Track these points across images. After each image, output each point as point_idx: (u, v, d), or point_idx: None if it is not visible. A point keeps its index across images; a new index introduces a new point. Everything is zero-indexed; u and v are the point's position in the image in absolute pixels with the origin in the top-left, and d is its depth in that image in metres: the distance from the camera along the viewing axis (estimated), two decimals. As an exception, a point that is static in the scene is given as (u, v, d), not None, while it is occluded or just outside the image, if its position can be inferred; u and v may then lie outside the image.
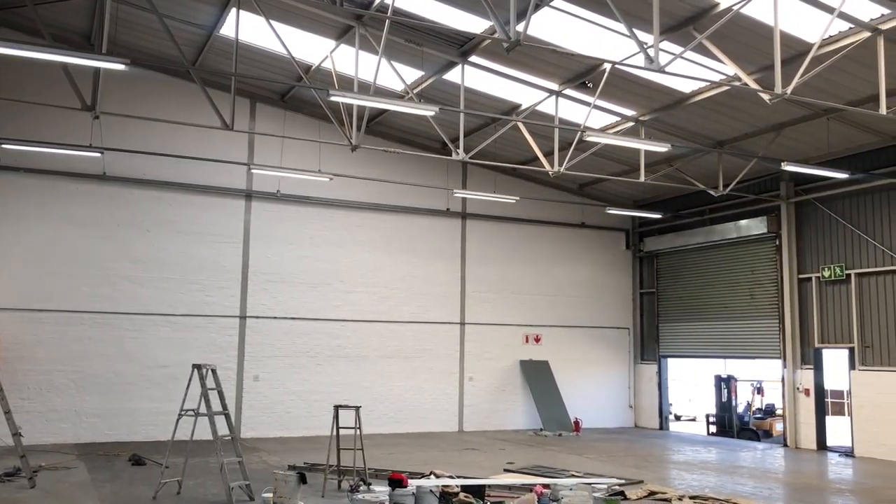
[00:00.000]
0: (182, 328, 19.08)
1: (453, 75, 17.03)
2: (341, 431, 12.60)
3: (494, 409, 22.89)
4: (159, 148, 18.60)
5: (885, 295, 17.72)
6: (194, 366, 11.43)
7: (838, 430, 20.62)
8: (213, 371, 11.59)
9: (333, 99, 12.48)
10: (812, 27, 12.99)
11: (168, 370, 18.71)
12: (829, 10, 11.98)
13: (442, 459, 16.00)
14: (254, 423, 19.63)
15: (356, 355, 21.10)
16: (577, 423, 22.79)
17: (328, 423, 19.22)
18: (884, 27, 12.50)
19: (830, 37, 13.20)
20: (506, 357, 23.26)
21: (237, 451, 11.50)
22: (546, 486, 11.20)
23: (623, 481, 12.99)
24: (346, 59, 16.67)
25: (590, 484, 11.07)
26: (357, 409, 12.39)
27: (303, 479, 10.31)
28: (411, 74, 17.32)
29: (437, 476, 11.97)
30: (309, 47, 16.66)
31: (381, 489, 10.92)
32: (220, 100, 18.90)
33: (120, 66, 10.46)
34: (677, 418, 30.42)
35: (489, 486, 11.70)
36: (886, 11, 12.15)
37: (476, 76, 16.96)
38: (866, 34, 12.73)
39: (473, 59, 16.14)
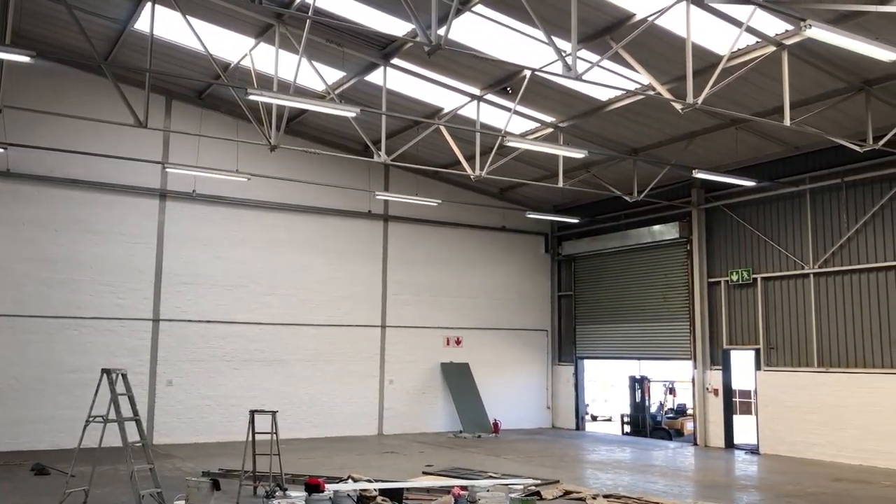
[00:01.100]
0: (92, 332, 18.40)
1: (375, 77, 16.98)
2: (258, 436, 12.38)
3: (415, 411, 22.89)
4: (69, 145, 17.91)
5: (789, 298, 18.54)
6: (103, 370, 11.03)
7: (746, 429, 21.43)
8: (124, 375, 11.22)
9: (252, 98, 12.29)
10: (722, 40, 13.48)
11: (76, 375, 18.00)
12: (738, 24, 12.46)
13: (361, 463, 15.91)
14: (167, 429, 19.08)
15: (274, 359, 20.78)
16: (496, 424, 23.02)
17: (245, 428, 18.84)
18: (788, 42, 13.07)
19: (739, 50, 13.73)
20: (427, 359, 23.31)
21: (148, 457, 11.15)
22: (464, 487, 11.26)
23: (539, 481, 13.19)
24: (266, 58, 16.40)
25: (507, 485, 11.19)
26: (273, 413, 12.19)
27: (216, 486, 10.09)
28: (332, 75, 17.18)
29: (355, 480, 11.88)
30: (227, 45, 16.32)
31: (298, 494, 10.78)
32: (133, 96, 18.33)
33: (24, 59, 10.04)
34: (594, 419, 31.05)
35: (407, 488, 11.69)
36: (790, 27, 12.72)
37: (398, 79, 16.96)
38: (772, 48, 13.30)
39: (396, 61, 16.13)
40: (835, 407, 17.16)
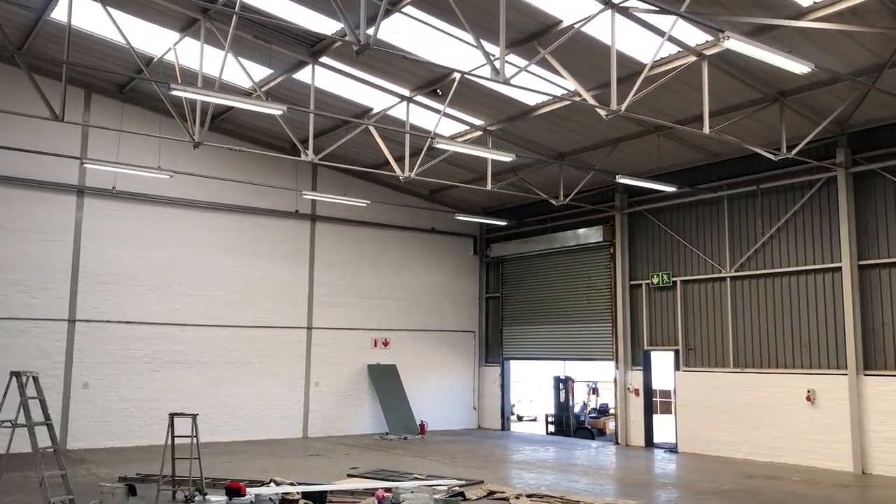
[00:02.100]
0: (3, 332, 17.62)
1: (304, 75, 16.80)
2: (178, 440, 12.08)
3: (341, 414, 22.72)
4: (-22, 136, 17.12)
5: (707, 301, 19.14)
6: (12, 373, 10.58)
7: (666, 428, 22.01)
8: (35, 378, 10.78)
9: (175, 93, 11.99)
10: (645, 49, 13.84)
11: (-16, 378, 17.20)
12: (661, 33, 12.80)
13: (284, 466, 15.69)
14: (82, 434, 18.43)
15: (196, 361, 20.31)
16: (422, 425, 23.04)
17: (165, 431, 18.36)
18: (708, 52, 13.49)
19: (661, 59, 14.12)
20: (353, 361, 23.16)
21: (60, 463, 10.73)
22: (388, 489, 11.24)
23: (464, 482, 13.26)
24: (191, 53, 16.05)
25: (431, 486, 11.22)
26: (194, 416, 11.92)
27: (132, 491, 9.80)
28: (260, 72, 16.91)
29: (278, 483, 11.72)
30: (151, 38, 15.89)
31: (218, 499, 10.56)
32: (51, 89, 17.63)
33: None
34: (519, 419, 31.39)
35: (331, 491, 11.59)
36: (710, 38, 13.14)
37: (327, 77, 16.82)
38: (693, 58, 13.70)
39: (324, 60, 15.99)
40: (748, 406, 17.79)
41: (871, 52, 13.22)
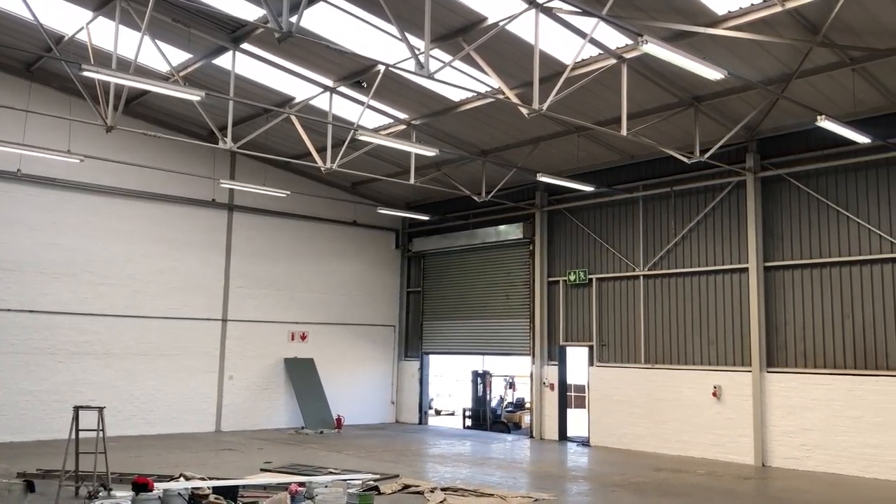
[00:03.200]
0: None
1: (224, 61, 16.38)
2: (83, 434, 11.62)
3: (256, 407, 22.33)
4: None
5: (621, 298, 19.63)
6: None
7: (580, 422, 22.46)
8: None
9: (87, 74, 11.51)
10: (567, 50, 14.06)
11: None
12: (583, 35, 13.03)
13: (195, 461, 15.33)
14: (-21, 428, 17.56)
15: (105, 352, 19.61)
16: (339, 419, 22.88)
17: (69, 425, 17.67)
18: (627, 56, 13.81)
19: (583, 60, 14.37)
20: (270, 355, 22.79)
21: (-47, 459, 10.21)
22: (301, 484, 11.11)
23: (379, 476, 13.23)
24: (105, 34, 15.44)
25: (345, 480, 11.15)
26: (100, 409, 11.50)
27: (30, 488, 9.39)
28: (178, 56, 16.41)
29: (187, 478, 11.43)
30: (62, 16, 15.20)
31: (124, 494, 10.23)
32: (-50, 63, 16.69)
33: None
34: (438, 413, 31.56)
35: (243, 486, 11.38)
36: (630, 42, 13.45)
37: (248, 64, 16.46)
38: (613, 61, 14.01)
39: (246, 46, 15.64)
40: (658, 401, 18.34)
41: (781, 61, 13.79)
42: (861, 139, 13.74)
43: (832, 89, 14.60)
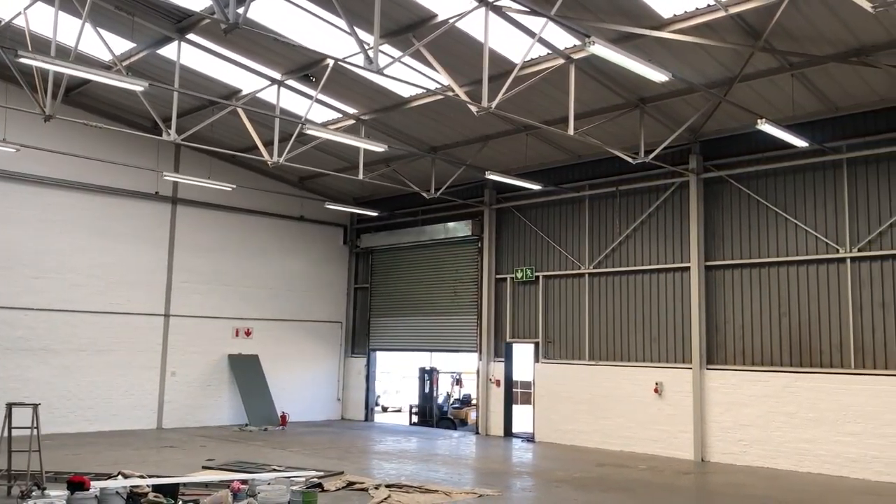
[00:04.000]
0: None
1: (169, 51, 16.06)
2: (16, 432, 11.28)
3: (199, 404, 21.97)
4: None
5: (566, 296, 19.85)
6: None
7: (525, 418, 22.62)
8: None
9: (24, 61, 11.14)
10: (517, 49, 14.14)
11: None
12: (532, 34, 13.12)
13: (135, 459, 15.02)
14: None
15: (41, 348, 19.06)
16: (283, 417, 22.66)
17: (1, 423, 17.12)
18: (575, 56, 13.96)
19: (532, 59, 14.48)
20: (213, 351, 22.44)
21: None
22: (244, 481, 10.97)
23: (323, 473, 13.14)
24: (44, 20, 14.98)
25: (289, 477, 11.05)
26: (35, 406, 11.18)
27: (-40, 488, 9.07)
28: (121, 45, 16.01)
29: (126, 476, 11.19)
30: (-3, -1, 14.71)
31: (59, 493, 9.96)
32: None
33: None
34: (384, 410, 31.46)
35: (184, 484, 11.19)
36: (578, 43, 13.59)
37: (194, 55, 16.15)
38: (561, 61, 14.14)
39: (191, 37, 15.34)
40: (602, 397, 18.61)
41: (724, 65, 14.10)
42: (799, 143, 14.16)
43: (772, 94, 14.99)
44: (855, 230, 15.16)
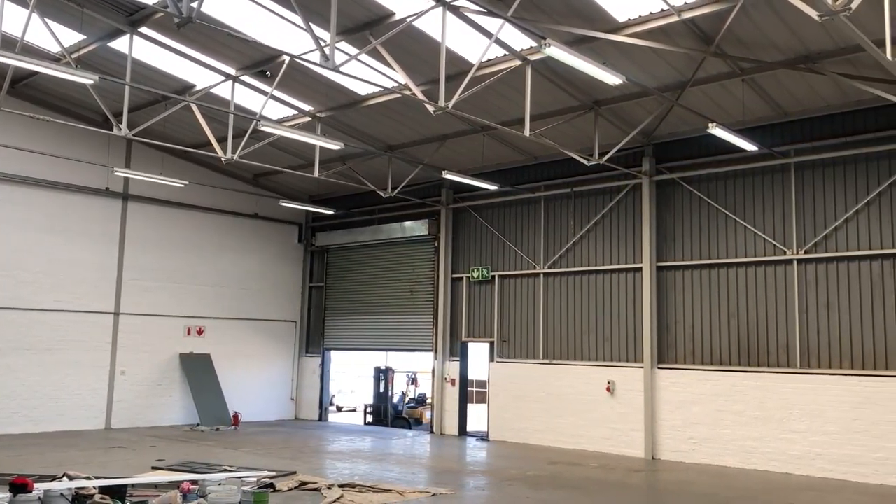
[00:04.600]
0: None
1: (121, 44, 15.74)
2: (-45, 433, 10.97)
3: (149, 404, 21.59)
4: None
5: (522, 295, 19.99)
6: None
7: (480, 417, 22.72)
8: None
9: (-34, 51, 10.83)
10: (474, 49, 14.18)
11: None
12: (489, 35, 13.17)
13: (81, 460, 14.70)
14: None
15: (-16, 346, 18.55)
16: (236, 416, 22.40)
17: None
18: (532, 58, 14.06)
19: (489, 60, 14.54)
20: (164, 350, 22.07)
21: None
22: (194, 482, 10.82)
23: (275, 473, 13.02)
24: (-11, 8, 14.55)
25: (240, 478, 10.92)
26: (-23, 406, 10.87)
27: None
28: (71, 37, 15.66)
29: (71, 478, 10.93)
30: (-60, -14, 14.24)
31: (1, 496, 9.69)
32: None
33: None
34: (339, 409, 31.33)
35: (132, 485, 10.99)
36: (534, 44, 13.69)
37: (147, 49, 15.86)
38: (518, 62, 14.23)
39: (144, 30, 15.06)
40: (555, 396, 18.78)
41: (677, 69, 14.34)
42: (749, 146, 14.46)
43: (723, 98, 15.29)
44: (802, 233, 15.55)
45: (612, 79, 11.56)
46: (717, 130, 13.33)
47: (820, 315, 15.13)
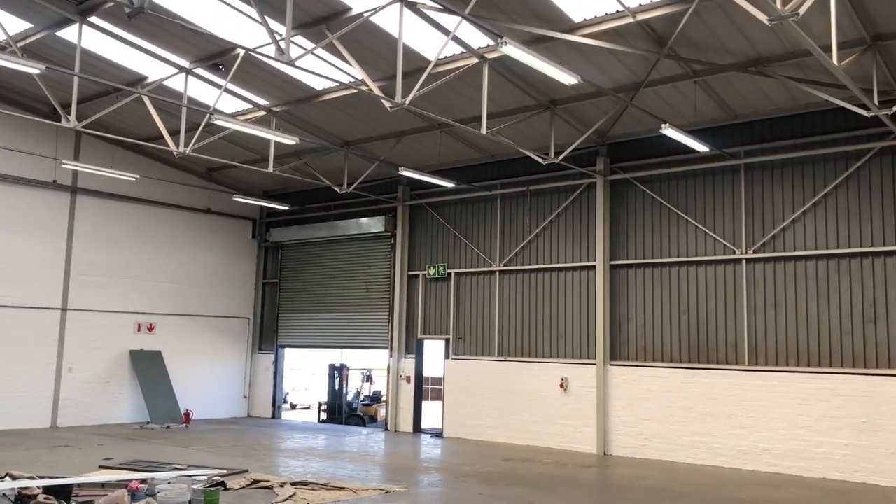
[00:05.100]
0: None
1: (69, 34, 15.36)
2: None
3: (97, 402, 21.14)
4: None
5: (477, 293, 20.05)
6: None
7: (436, 414, 22.74)
8: None
9: None
10: (432, 46, 14.17)
11: None
12: (447, 32, 13.18)
13: (26, 459, 14.33)
14: None
15: (-76, 342, 17.96)
16: (187, 414, 22.06)
17: None
18: (489, 56, 14.09)
19: (446, 57, 14.53)
20: (114, 346, 21.63)
21: None
22: (143, 481, 10.63)
23: (226, 471, 12.86)
24: (-69, -7, 14.10)
25: (190, 476, 10.76)
26: (-85, 404, 10.53)
27: None
28: (16, 24, 15.23)
29: (14, 478, 10.65)
30: None
31: (-60, 497, 9.41)
32: None
33: None
34: (293, 407, 31.09)
35: (78, 484, 10.75)
36: (491, 43, 13.72)
37: (97, 39, 15.50)
38: (475, 60, 14.25)
39: (94, 19, 14.70)
40: (510, 393, 18.89)
41: (631, 71, 14.51)
42: (700, 147, 14.71)
43: (676, 99, 15.53)
44: (751, 233, 15.88)
45: (567, 78, 11.66)
46: (669, 131, 13.53)
47: (767, 313, 15.48)
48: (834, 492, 12.91)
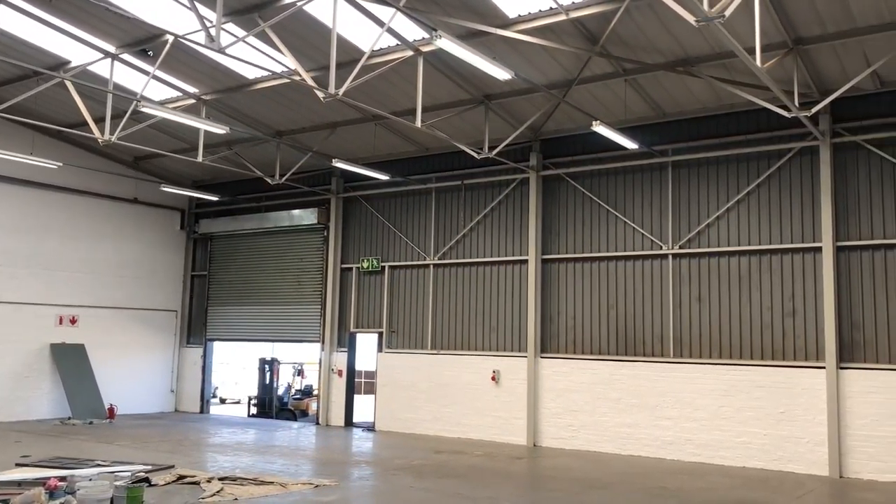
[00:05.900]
0: None
1: (-14, 14, 14.71)
2: None
3: (15, 397, 20.35)
4: None
5: (411, 286, 20.05)
6: None
7: (369, 408, 22.67)
8: None
9: None
10: (366, 37, 14.06)
11: None
12: (381, 23, 13.10)
13: (-63, 457, 13.72)
14: None
15: None
16: (111, 409, 21.45)
17: None
18: (424, 49, 14.07)
19: (381, 49, 14.45)
20: (33, 340, 20.86)
21: None
22: (62, 478, 10.29)
23: (151, 467, 12.56)
24: None
25: (113, 472, 10.47)
26: None
27: None
28: (-72, 2, 14.50)
29: (-76, 477, 10.20)
30: None
31: None
32: None
33: None
34: (222, 401, 30.58)
35: (-7, 483, 10.34)
36: (426, 36, 13.70)
37: (15, 19, 14.86)
38: (410, 53, 14.21)
39: (13, 0, 14.11)
40: (442, 385, 18.97)
41: (564, 68, 14.70)
42: (630, 145, 15.02)
43: (607, 97, 15.81)
44: (677, 229, 16.29)
45: (501, 73, 11.73)
46: (600, 128, 13.77)
47: (692, 307, 15.92)
48: (754, 480, 13.38)
